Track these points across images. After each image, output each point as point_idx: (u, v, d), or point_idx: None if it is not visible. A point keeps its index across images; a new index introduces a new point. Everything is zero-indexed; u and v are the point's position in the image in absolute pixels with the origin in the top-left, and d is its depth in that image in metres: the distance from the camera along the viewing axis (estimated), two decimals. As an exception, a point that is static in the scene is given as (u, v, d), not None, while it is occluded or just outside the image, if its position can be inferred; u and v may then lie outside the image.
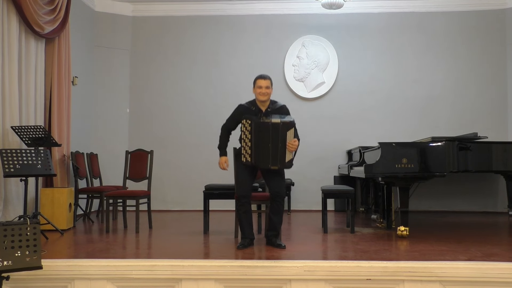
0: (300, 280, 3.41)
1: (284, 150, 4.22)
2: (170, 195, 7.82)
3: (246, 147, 4.28)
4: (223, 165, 4.50)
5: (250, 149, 4.25)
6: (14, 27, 5.45)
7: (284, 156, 4.23)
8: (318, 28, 7.90)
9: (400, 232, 4.72)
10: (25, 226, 3.18)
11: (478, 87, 7.69)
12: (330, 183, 7.59)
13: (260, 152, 4.22)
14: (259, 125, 4.23)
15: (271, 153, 4.21)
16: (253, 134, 4.24)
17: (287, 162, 4.26)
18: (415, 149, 4.68)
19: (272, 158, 4.21)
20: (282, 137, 4.20)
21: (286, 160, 4.25)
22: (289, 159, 4.26)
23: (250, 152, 4.25)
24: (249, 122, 4.26)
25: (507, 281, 3.35)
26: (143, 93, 8.03)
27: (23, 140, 5.29)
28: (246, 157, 4.28)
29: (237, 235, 4.81)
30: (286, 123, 4.23)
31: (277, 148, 4.20)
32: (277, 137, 4.20)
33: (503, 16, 7.66)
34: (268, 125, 4.22)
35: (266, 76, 4.37)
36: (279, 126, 4.21)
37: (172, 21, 8.05)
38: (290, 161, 4.28)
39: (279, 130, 4.20)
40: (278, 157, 4.21)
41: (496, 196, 7.40)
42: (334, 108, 7.82)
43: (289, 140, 4.22)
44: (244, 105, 4.47)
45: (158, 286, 3.49)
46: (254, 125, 4.24)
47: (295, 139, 4.26)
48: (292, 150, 4.25)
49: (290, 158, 4.27)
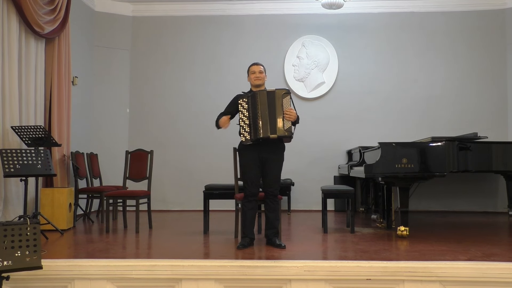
0: (300, 280, 3.41)
1: (282, 117, 4.23)
2: (170, 195, 7.82)
3: (244, 126, 4.30)
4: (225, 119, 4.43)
5: (249, 126, 4.27)
6: (14, 27, 5.45)
7: (282, 124, 4.23)
8: (318, 28, 7.91)
9: (400, 232, 4.72)
10: (25, 226, 3.18)
11: (478, 87, 7.69)
12: (330, 183, 7.59)
13: (258, 123, 4.23)
14: (255, 95, 4.29)
15: (269, 120, 4.22)
16: (250, 108, 4.29)
17: (285, 129, 4.23)
18: (415, 149, 4.68)
19: (270, 126, 4.22)
20: (279, 104, 4.24)
21: (284, 128, 4.23)
22: (287, 126, 4.25)
23: (249, 129, 4.28)
24: (245, 100, 4.34)
25: (507, 281, 3.35)
26: (143, 93, 8.03)
27: (23, 140, 5.29)
28: (245, 136, 4.29)
29: (237, 235, 4.81)
30: (281, 89, 4.32)
31: (274, 116, 4.22)
32: (273, 104, 4.23)
33: (503, 16, 7.66)
34: (263, 93, 4.30)
35: (258, 62, 4.55)
36: (275, 92, 4.28)
37: (172, 21, 8.05)
38: (289, 129, 4.26)
39: (275, 96, 4.26)
40: (276, 124, 4.22)
41: (496, 196, 7.40)
42: (334, 108, 7.82)
43: (285, 107, 4.25)
44: (240, 93, 4.53)
45: (158, 286, 3.49)
46: (250, 98, 4.31)
47: (292, 108, 4.29)
48: (289, 119, 4.25)
49: (288, 125, 4.26)
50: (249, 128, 4.28)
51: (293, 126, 4.33)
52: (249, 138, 4.28)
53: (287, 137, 4.31)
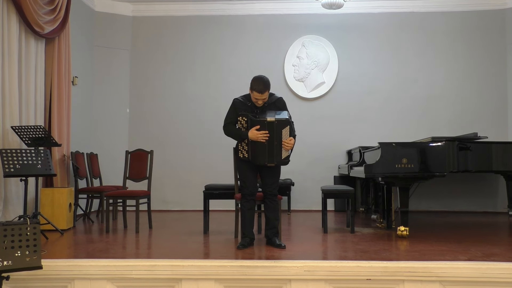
0: (300, 280, 3.41)
1: (279, 147, 4.21)
2: (170, 195, 7.82)
3: (243, 143, 4.30)
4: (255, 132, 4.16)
5: (247, 146, 4.27)
6: (14, 27, 5.45)
7: (280, 153, 4.22)
8: (318, 28, 7.90)
9: (400, 232, 4.72)
10: (25, 226, 3.18)
11: (478, 87, 7.69)
12: (330, 183, 7.59)
13: (256, 149, 4.22)
14: (254, 123, 4.22)
15: (267, 150, 4.21)
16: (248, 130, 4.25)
17: (283, 159, 4.25)
18: (415, 149, 4.68)
19: (268, 156, 4.21)
20: (278, 135, 4.19)
21: (282, 157, 4.24)
22: (285, 156, 4.26)
23: (246, 148, 4.27)
24: (245, 119, 4.27)
25: (507, 281, 3.35)
26: (143, 93, 8.03)
27: (23, 140, 5.29)
28: (243, 153, 4.31)
29: (237, 235, 4.81)
30: (280, 121, 4.18)
31: (272, 146, 4.20)
32: (272, 135, 4.19)
33: (503, 16, 7.66)
34: (263, 123, 4.19)
35: (264, 89, 4.19)
36: (274, 124, 4.18)
37: (172, 21, 8.05)
38: (286, 158, 4.27)
39: (274, 128, 4.18)
40: (274, 154, 4.21)
41: (496, 196, 7.40)
42: (334, 108, 7.82)
43: (284, 138, 4.21)
44: (239, 99, 4.42)
45: (158, 286, 3.49)
46: (249, 122, 4.24)
47: (291, 137, 4.25)
48: (287, 149, 4.24)
49: (286, 155, 4.27)
50: (247, 147, 4.26)
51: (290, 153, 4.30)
52: (247, 156, 4.28)
53: (283, 164, 4.33)
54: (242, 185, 4.42)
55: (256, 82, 4.22)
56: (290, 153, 4.31)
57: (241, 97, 4.45)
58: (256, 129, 4.17)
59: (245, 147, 4.29)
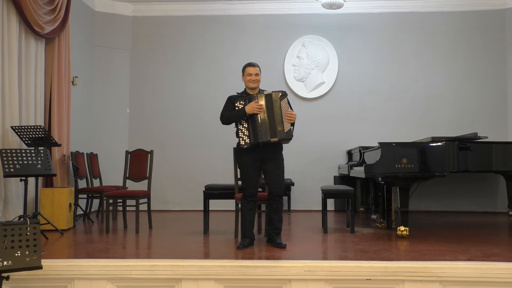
0: (300, 280, 3.41)
1: (281, 120, 4.21)
2: (170, 195, 7.82)
3: (243, 129, 4.27)
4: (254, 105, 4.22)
5: (248, 130, 4.24)
6: (14, 27, 5.45)
7: (282, 126, 4.21)
8: (318, 28, 7.90)
9: (400, 232, 4.72)
10: (25, 226, 3.18)
11: (478, 87, 7.69)
12: (330, 183, 7.59)
13: (257, 127, 4.20)
14: (252, 99, 4.25)
15: (270, 125, 4.19)
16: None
17: (286, 132, 4.22)
18: (415, 149, 4.68)
19: (271, 130, 4.20)
20: (278, 107, 4.21)
21: (284, 130, 4.21)
22: (287, 129, 4.23)
23: (248, 132, 4.24)
24: (242, 102, 4.29)
25: (507, 281, 3.35)
26: (143, 93, 8.03)
27: (23, 140, 5.29)
28: (244, 139, 4.26)
29: (237, 235, 4.81)
30: (278, 92, 4.28)
31: (274, 119, 4.20)
32: (271, 107, 4.21)
33: (503, 16, 7.66)
34: (261, 96, 4.26)
35: (254, 63, 4.44)
36: (271, 96, 4.24)
37: (172, 21, 8.05)
38: (289, 131, 4.24)
39: (273, 100, 4.23)
40: (276, 128, 4.20)
41: (496, 196, 7.40)
42: (334, 108, 7.82)
43: (284, 109, 4.23)
44: (235, 94, 4.49)
45: (158, 286, 3.49)
46: (248, 101, 4.26)
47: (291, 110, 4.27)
48: (289, 121, 4.23)
49: (288, 127, 4.24)
50: (248, 132, 4.24)
51: (292, 127, 4.32)
52: (248, 141, 4.24)
53: (287, 140, 4.30)
54: (243, 186, 4.41)
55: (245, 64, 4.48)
56: (293, 128, 4.30)
57: (236, 93, 4.50)
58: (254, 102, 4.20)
59: (245, 132, 4.25)
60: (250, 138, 4.24)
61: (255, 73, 4.37)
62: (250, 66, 4.42)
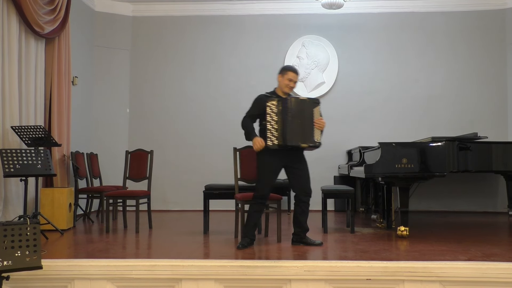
0: (300, 280, 3.41)
1: (312, 127, 4.19)
2: (170, 195, 7.81)
3: (272, 130, 4.18)
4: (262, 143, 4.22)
5: (277, 130, 4.15)
6: (14, 27, 5.45)
7: (312, 133, 4.20)
8: (318, 28, 7.90)
9: (400, 232, 4.72)
10: (25, 226, 3.18)
11: (478, 87, 7.69)
12: (330, 183, 7.58)
13: (288, 130, 4.14)
14: (286, 101, 4.18)
15: (300, 130, 4.16)
16: (280, 113, 4.16)
17: (316, 140, 4.22)
18: (415, 149, 4.67)
19: (302, 135, 4.17)
20: (310, 114, 4.18)
21: (314, 138, 4.21)
22: (317, 137, 4.23)
23: (277, 133, 4.16)
24: (274, 103, 4.18)
25: (507, 281, 3.35)
26: (143, 93, 8.03)
27: (23, 140, 5.29)
28: (272, 140, 4.17)
29: (237, 235, 4.81)
30: (312, 99, 4.27)
31: (305, 125, 4.18)
32: (304, 113, 4.17)
33: (503, 16, 7.66)
34: (296, 100, 4.21)
35: (298, 70, 4.41)
36: (306, 102, 4.22)
37: (172, 21, 8.05)
38: (318, 139, 4.24)
39: (306, 106, 4.20)
40: (307, 134, 4.18)
41: (496, 196, 7.40)
42: (334, 108, 7.80)
43: (316, 117, 4.21)
44: (265, 94, 4.40)
45: (158, 286, 3.49)
46: (282, 103, 4.17)
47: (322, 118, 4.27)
48: (319, 128, 4.23)
49: (318, 136, 4.23)
50: (277, 133, 4.16)
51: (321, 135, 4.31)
52: (277, 143, 4.17)
53: (315, 147, 4.27)
54: (258, 186, 4.34)
55: (286, 66, 4.47)
56: (321, 136, 4.30)
57: (266, 93, 4.43)
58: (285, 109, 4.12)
59: (274, 133, 4.17)
60: (279, 139, 4.17)
61: (295, 81, 4.34)
62: (294, 72, 4.35)
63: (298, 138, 4.18)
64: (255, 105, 4.40)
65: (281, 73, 4.38)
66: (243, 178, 4.88)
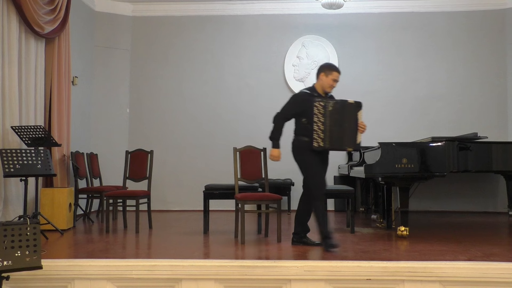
0: (300, 280, 3.41)
1: (356, 130, 4.16)
2: (170, 195, 7.81)
3: (318, 131, 4.10)
4: (278, 158, 4.25)
5: (323, 132, 4.09)
6: (14, 27, 5.45)
7: (355, 137, 4.16)
8: (318, 28, 7.90)
9: (400, 232, 4.72)
10: (25, 226, 3.18)
11: (478, 87, 7.69)
12: (330, 183, 7.54)
13: (336, 133, 4.09)
14: (336, 104, 4.11)
15: (347, 133, 4.12)
16: (327, 114, 4.08)
17: (358, 143, 4.19)
18: (415, 149, 4.67)
19: (347, 139, 4.13)
20: (355, 117, 4.15)
21: (357, 141, 4.18)
22: (359, 140, 4.20)
23: (323, 135, 4.09)
24: (322, 104, 4.09)
25: (507, 281, 3.35)
26: (143, 93, 8.03)
27: (23, 140, 5.29)
28: (318, 141, 4.11)
29: (237, 235, 4.81)
30: (357, 102, 4.19)
31: (351, 129, 4.13)
32: (350, 117, 4.13)
33: (503, 16, 7.66)
34: (344, 104, 4.13)
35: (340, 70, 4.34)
36: (352, 105, 4.16)
37: (172, 21, 8.05)
38: (360, 142, 4.23)
39: (352, 109, 4.15)
40: (352, 138, 4.14)
41: (496, 196, 7.40)
42: (334, 108, 7.80)
43: (359, 120, 4.18)
44: (305, 91, 4.33)
45: (158, 286, 3.49)
46: (330, 105, 4.09)
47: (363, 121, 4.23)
48: (362, 132, 4.20)
49: (360, 139, 4.21)
50: (324, 135, 4.09)
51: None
52: (322, 145, 4.12)
53: (358, 150, 4.28)
54: (316, 186, 4.24)
55: (330, 64, 4.37)
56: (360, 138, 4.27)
57: (305, 89, 4.37)
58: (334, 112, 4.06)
59: (321, 134, 4.09)
60: (325, 141, 4.10)
61: (338, 81, 4.31)
62: (338, 72, 4.30)
63: (344, 141, 4.14)
64: (296, 103, 4.28)
65: (325, 72, 4.29)
66: (243, 178, 4.89)
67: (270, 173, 5.24)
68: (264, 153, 4.99)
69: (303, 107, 4.20)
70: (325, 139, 4.10)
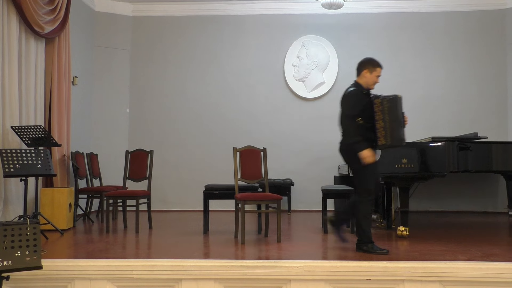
0: (300, 280, 3.41)
1: (404, 126, 4.05)
2: (170, 195, 7.81)
3: (380, 129, 3.97)
4: (373, 157, 3.97)
5: (385, 129, 3.97)
6: (14, 27, 5.45)
7: (404, 132, 4.06)
8: (318, 28, 7.90)
9: (400, 232, 4.72)
10: (25, 226, 3.18)
11: (478, 87, 7.68)
12: (330, 183, 7.58)
13: (396, 130, 3.97)
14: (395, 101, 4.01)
15: (401, 129, 4.01)
16: (386, 112, 3.99)
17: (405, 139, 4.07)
18: (415, 149, 4.68)
19: (403, 134, 4.01)
20: (402, 113, 4.06)
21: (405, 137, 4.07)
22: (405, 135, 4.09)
23: (384, 132, 3.98)
24: (380, 101, 4.02)
25: (507, 281, 3.35)
26: (143, 93, 8.03)
27: (23, 140, 5.29)
28: (382, 140, 4.00)
29: (237, 235, 4.81)
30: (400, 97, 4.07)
31: (402, 124, 4.04)
32: (401, 113, 4.05)
33: (503, 16, 7.66)
34: (396, 99, 4.01)
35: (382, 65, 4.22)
36: (401, 100, 4.05)
37: (172, 21, 8.05)
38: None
39: (400, 104, 4.05)
40: (403, 133, 4.03)
41: (496, 196, 7.40)
42: (334, 108, 7.70)
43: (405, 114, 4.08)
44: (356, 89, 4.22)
45: (158, 286, 3.49)
46: (387, 101, 4.01)
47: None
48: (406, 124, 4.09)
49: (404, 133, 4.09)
50: (385, 132, 3.97)
51: None
52: (385, 142, 3.99)
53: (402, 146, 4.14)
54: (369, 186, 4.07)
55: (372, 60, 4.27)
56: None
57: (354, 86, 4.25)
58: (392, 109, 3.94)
59: (382, 132, 3.96)
60: (387, 139, 3.98)
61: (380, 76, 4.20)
62: (381, 67, 4.21)
63: (402, 138, 4.02)
64: (357, 102, 4.12)
65: (369, 69, 4.19)
66: (243, 178, 4.89)
67: (270, 173, 5.25)
68: (264, 153, 4.99)
69: (361, 106, 4.08)
70: (387, 137, 3.97)
